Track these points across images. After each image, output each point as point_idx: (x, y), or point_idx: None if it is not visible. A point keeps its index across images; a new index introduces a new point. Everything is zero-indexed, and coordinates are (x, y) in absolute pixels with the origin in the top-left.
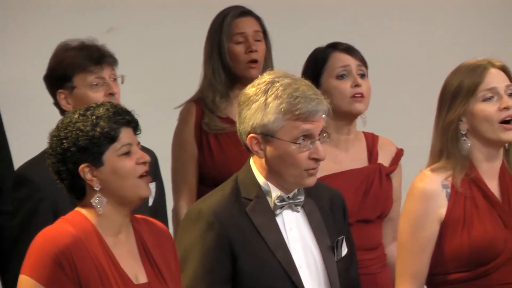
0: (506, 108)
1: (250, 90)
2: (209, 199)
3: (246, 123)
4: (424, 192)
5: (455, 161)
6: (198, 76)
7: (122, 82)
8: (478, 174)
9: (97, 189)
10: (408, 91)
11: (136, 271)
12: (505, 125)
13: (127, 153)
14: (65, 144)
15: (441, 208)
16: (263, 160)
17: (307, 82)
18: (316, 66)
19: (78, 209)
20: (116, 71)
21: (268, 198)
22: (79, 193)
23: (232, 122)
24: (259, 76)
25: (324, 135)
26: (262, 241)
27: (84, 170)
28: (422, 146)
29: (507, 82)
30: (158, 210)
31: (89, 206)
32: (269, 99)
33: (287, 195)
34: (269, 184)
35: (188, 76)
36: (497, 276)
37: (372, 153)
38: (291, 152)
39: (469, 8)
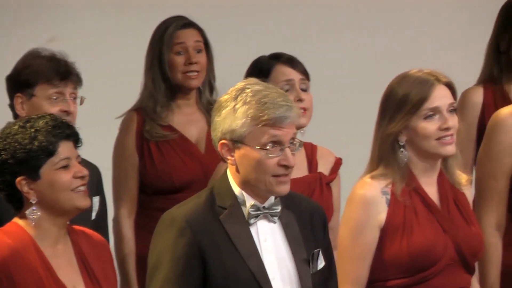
0: (447, 129)
1: (223, 97)
2: (184, 206)
3: (217, 129)
4: (364, 198)
5: (394, 170)
6: (139, 86)
7: (81, 103)
8: (418, 183)
9: (34, 202)
10: (346, 100)
11: (74, 282)
12: (442, 140)
13: (65, 167)
14: (3, 155)
15: (381, 215)
16: (236, 167)
17: (278, 89)
18: (259, 77)
19: (16, 220)
20: (78, 91)
21: (243, 207)
22: (17, 204)
23: (173, 129)
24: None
25: (296, 142)
26: (235, 250)
27: (21, 183)
28: (361, 155)
29: (451, 99)
30: (100, 223)
31: (27, 217)
32: (238, 105)
33: (263, 205)
34: (244, 193)
35: (130, 85)
36: (436, 281)
37: (311, 162)
38: (259, 158)
39: (408, 17)
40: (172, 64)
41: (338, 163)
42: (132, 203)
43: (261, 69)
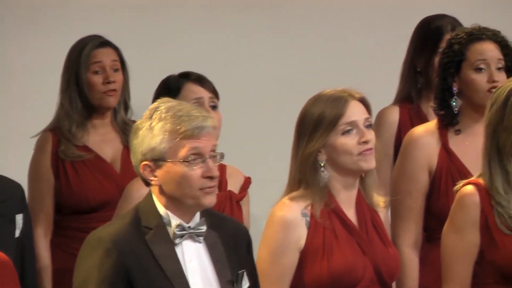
0: (365, 142)
1: (138, 121)
2: (109, 227)
3: (137, 152)
4: (283, 220)
5: (314, 191)
6: (54, 105)
7: None
8: (337, 204)
9: None
10: (254, 119)
11: None
12: (363, 154)
13: None
14: None
15: (301, 237)
16: (160, 187)
17: (191, 105)
18: (168, 96)
19: None
20: None
21: (168, 228)
22: None
23: (88, 150)
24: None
25: (217, 153)
26: (161, 271)
27: None
28: (269, 174)
29: (366, 114)
30: (25, 241)
31: None
32: (154, 123)
33: (188, 225)
34: (169, 213)
35: (44, 105)
36: None
37: (221, 181)
38: (183, 172)
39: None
40: (90, 83)
41: (247, 181)
42: (48, 223)
43: (170, 87)
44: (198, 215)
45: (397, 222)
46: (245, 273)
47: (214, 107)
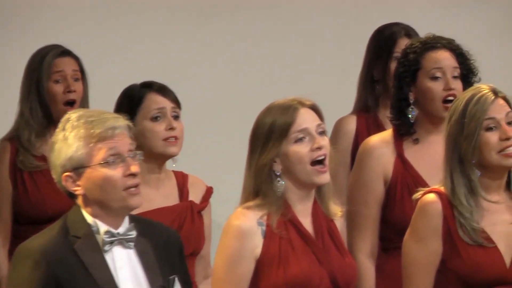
0: (318, 148)
1: (53, 136)
2: (38, 238)
3: (56, 166)
4: (239, 229)
5: (270, 201)
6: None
7: None
8: (293, 214)
9: None
10: (216, 129)
11: None
12: (318, 168)
13: None
14: None
15: (257, 246)
16: (85, 196)
17: (102, 109)
18: (131, 106)
19: None
20: None
21: (97, 236)
22: None
23: (46, 160)
24: None
25: (137, 152)
26: (91, 279)
27: None
28: (232, 183)
29: (318, 121)
30: None
31: None
32: (67, 132)
33: (117, 231)
34: (97, 221)
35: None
36: None
37: (182, 191)
38: (104, 174)
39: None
40: (51, 92)
41: (209, 191)
42: (6, 233)
43: (132, 97)
44: (127, 220)
45: (353, 231)
46: (176, 279)
47: (176, 117)
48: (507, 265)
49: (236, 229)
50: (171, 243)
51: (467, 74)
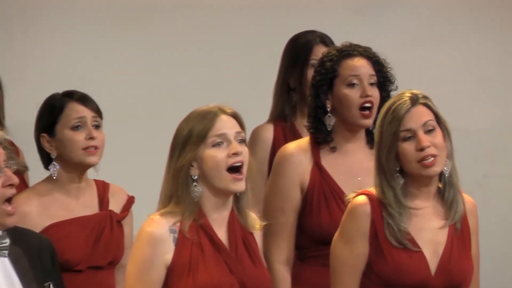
0: (235, 154)
1: None
2: None
3: None
4: (151, 236)
5: (184, 207)
6: None
7: None
8: (207, 221)
9: None
10: (139, 138)
11: None
12: (234, 175)
13: None
14: None
15: (168, 253)
16: None
17: None
18: (52, 115)
19: None
20: None
21: None
22: None
23: None
24: None
25: (11, 162)
26: None
27: None
28: (155, 192)
29: (238, 129)
30: None
31: None
32: None
33: None
34: None
35: None
36: None
37: (103, 200)
38: None
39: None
40: None
41: (130, 201)
42: None
43: (53, 106)
44: None
45: (270, 239)
46: (51, 285)
47: (97, 127)
48: (432, 271)
49: (148, 235)
50: (44, 250)
51: (384, 82)
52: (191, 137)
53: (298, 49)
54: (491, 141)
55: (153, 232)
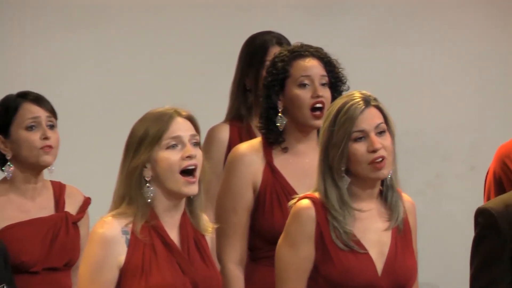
0: (189, 157)
1: None
2: None
3: None
4: (103, 237)
5: (136, 208)
6: None
7: None
8: (159, 222)
9: None
10: (95, 138)
11: None
12: (187, 178)
13: None
14: None
15: (120, 255)
16: None
17: None
18: (6, 115)
19: None
20: None
21: None
22: None
23: None
24: None
25: None
26: None
27: None
28: (111, 194)
29: (193, 132)
30: None
31: None
32: None
33: None
34: None
35: None
36: None
37: (59, 201)
38: None
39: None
40: None
41: (86, 202)
42: None
43: (8, 107)
44: None
45: (222, 239)
46: (5, 287)
47: (52, 127)
48: (378, 272)
49: (100, 237)
50: None
51: (336, 82)
52: (146, 138)
53: (254, 49)
54: (443, 142)
55: (105, 234)
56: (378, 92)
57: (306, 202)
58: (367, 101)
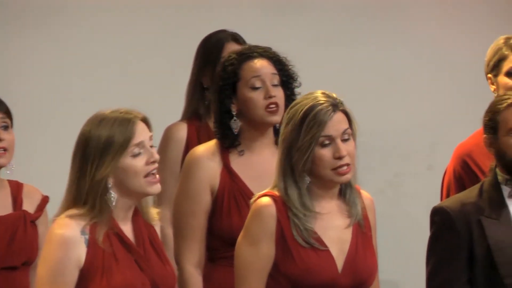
0: (153, 162)
1: None
2: None
3: None
4: (62, 238)
5: (98, 212)
6: None
7: None
8: (115, 222)
9: None
10: (52, 139)
11: None
12: (150, 179)
13: None
14: None
15: (80, 255)
16: None
17: None
18: None
19: None
20: None
21: None
22: None
23: None
24: None
25: None
26: None
27: None
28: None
29: (149, 133)
30: None
31: None
32: None
33: None
34: None
35: None
36: None
37: (16, 200)
38: None
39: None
40: None
41: (44, 201)
42: None
43: None
44: None
45: (181, 242)
46: None
47: (6, 127)
48: (339, 269)
49: (59, 238)
50: None
51: (287, 80)
52: (111, 146)
53: (210, 48)
54: (402, 141)
55: (65, 235)
56: (336, 92)
57: (266, 200)
58: (335, 106)
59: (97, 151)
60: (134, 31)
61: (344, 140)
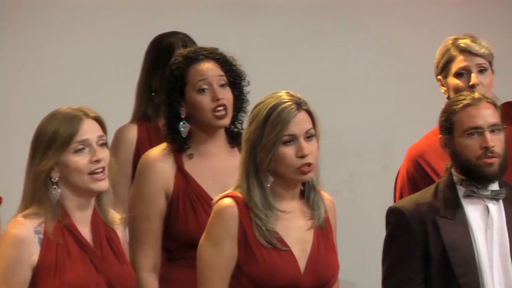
0: (97, 161)
1: None
2: None
3: None
4: (16, 238)
5: (46, 209)
6: None
7: None
8: (71, 221)
9: None
10: (7, 138)
11: None
12: (95, 176)
13: None
14: None
15: (34, 254)
16: None
17: None
18: None
19: None
20: None
21: None
22: None
23: None
24: None
25: None
26: None
27: None
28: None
29: (100, 133)
30: None
31: None
32: None
33: None
34: None
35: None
36: None
37: None
38: None
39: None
40: None
41: None
42: None
43: None
44: None
45: (136, 246)
46: None
47: None
48: (301, 270)
49: (13, 237)
50: None
51: (235, 81)
52: (55, 141)
53: (160, 52)
54: (358, 141)
55: (18, 234)
56: (294, 90)
57: (228, 201)
58: (299, 105)
59: (42, 145)
60: (87, 32)
61: (307, 139)
